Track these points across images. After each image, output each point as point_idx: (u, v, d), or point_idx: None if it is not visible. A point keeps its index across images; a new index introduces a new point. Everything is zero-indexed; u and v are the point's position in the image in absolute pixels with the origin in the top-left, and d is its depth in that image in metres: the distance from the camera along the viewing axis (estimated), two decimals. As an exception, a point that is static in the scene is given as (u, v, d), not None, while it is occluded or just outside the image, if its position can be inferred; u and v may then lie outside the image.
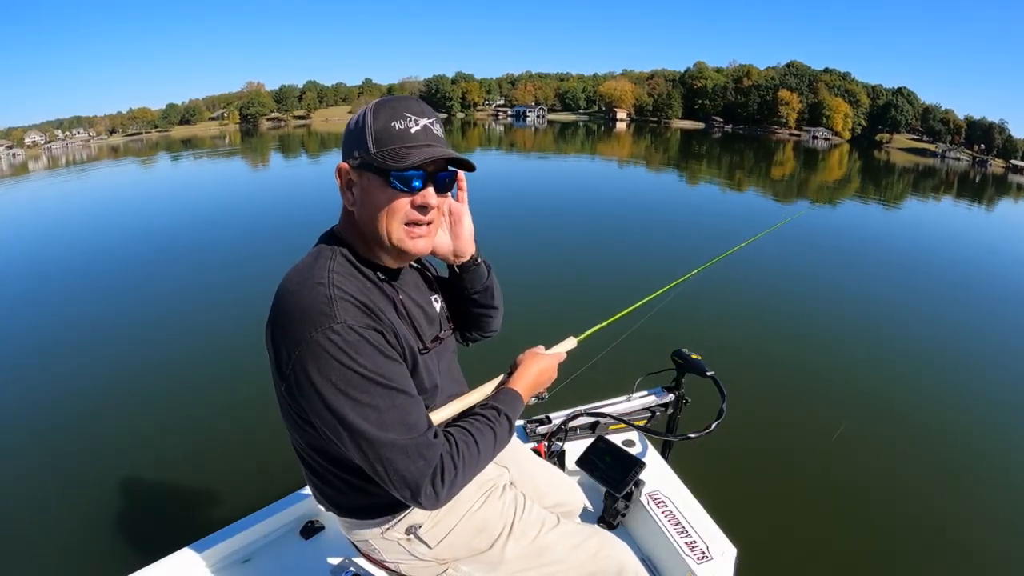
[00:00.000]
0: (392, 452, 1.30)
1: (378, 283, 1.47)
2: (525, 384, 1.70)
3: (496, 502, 1.77)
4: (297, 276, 1.40)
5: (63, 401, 5.99)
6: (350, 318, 1.29)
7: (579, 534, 1.82)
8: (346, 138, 1.43)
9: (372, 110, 1.39)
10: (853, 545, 4.05)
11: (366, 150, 1.37)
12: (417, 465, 1.31)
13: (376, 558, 1.74)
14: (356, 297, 1.34)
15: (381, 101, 1.41)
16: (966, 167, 77.26)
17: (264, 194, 23.30)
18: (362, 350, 1.28)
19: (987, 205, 30.58)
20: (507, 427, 1.56)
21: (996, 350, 7.89)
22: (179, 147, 68.26)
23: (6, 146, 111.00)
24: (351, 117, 1.45)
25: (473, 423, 1.51)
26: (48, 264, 12.14)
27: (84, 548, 4.03)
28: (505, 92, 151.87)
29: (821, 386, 6.36)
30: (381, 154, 1.35)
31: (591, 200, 19.67)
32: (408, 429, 1.32)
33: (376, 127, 1.36)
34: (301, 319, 1.30)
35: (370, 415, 1.29)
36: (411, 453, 1.31)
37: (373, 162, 1.36)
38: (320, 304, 1.30)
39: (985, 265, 13.83)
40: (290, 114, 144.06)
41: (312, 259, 1.44)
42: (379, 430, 1.29)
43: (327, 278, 1.35)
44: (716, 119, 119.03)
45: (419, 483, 1.32)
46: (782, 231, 4.27)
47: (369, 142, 1.36)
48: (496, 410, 1.56)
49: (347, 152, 1.42)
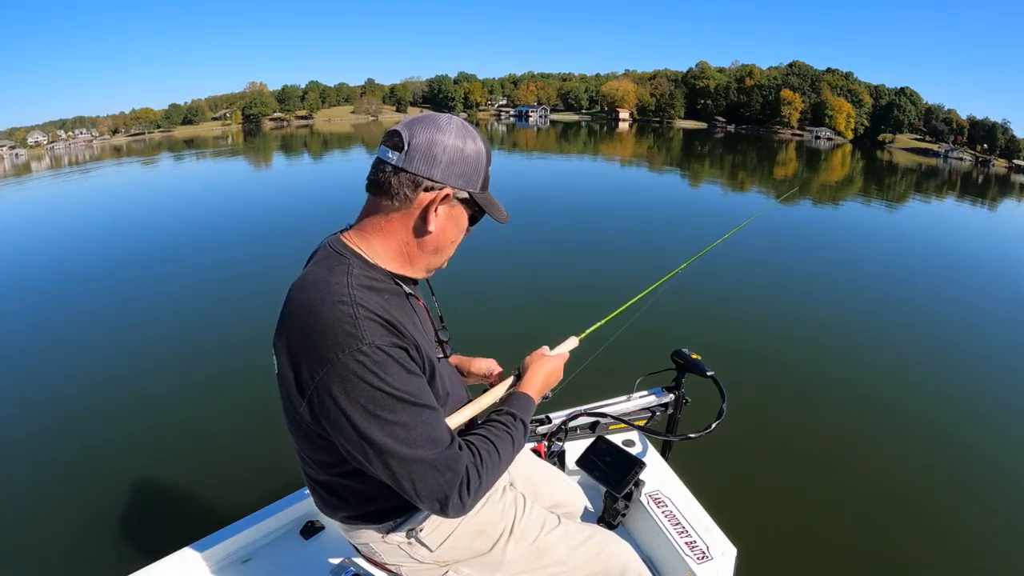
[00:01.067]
0: (421, 468, 1.30)
1: (400, 295, 1.46)
2: (536, 387, 1.72)
3: (496, 504, 1.76)
4: (314, 292, 1.36)
5: (63, 401, 6.02)
6: (377, 338, 1.27)
7: (580, 534, 1.82)
8: (454, 161, 1.39)
9: (484, 149, 1.45)
10: (853, 545, 4.05)
11: (475, 188, 1.44)
12: (446, 478, 1.31)
13: (377, 560, 1.74)
14: (379, 314, 1.31)
15: (483, 138, 1.46)
16: (969, 167, 77.13)
17: (266, 194, 23.35)
18: (390, 369, 1.27)
19: (990, 205, 30.52)
20: (523, 432, 1.57)
21: (998, 347, 7.89)
22: (182, 147, 68.27)
23: (9, 146, 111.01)
24: (453, 134, 1.39)
25: (492, 430, 1.51)
26: (50, 264, 12.18)
27: (84, 548, 4.03)
28: (508, 92, 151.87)
29: (822, 386, 6.36)
30: (485, 199, 1.48)
31: (588, 199, 19.69)
32: (435, 443, 1.31)
33: (486, 170, 1.47)
34: (325, 340, 1.28)
35: (399, 433, 1.28)
36: (440, 467, 1.31)
37: (478, 203, 1.47)
38: (344, 324, 1.27)
39: (988, 265, 13.82)
40: (293, 114, 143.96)
41: (327, 272, 1.39)
42: (408, 448, 1.28)
43: (349, 295, 1.31)
44: (719, 119, 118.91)
45: (448, 495, 1.32)
46: (783, 231, 4.26)
47: (479, 182, 1.45)
48: (512, 416, 1.58)
49: (455, 177, 1.41)
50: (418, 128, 1.37)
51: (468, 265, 9.66)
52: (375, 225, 1.45)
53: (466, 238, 1.58)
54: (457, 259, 1.60)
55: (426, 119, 1.40)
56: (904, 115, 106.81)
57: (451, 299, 1.97)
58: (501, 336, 6.73)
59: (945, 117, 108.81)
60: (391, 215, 1.42)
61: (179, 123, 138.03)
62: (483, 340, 1.81)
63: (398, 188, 1.38)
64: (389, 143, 1.39)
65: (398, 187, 1.38)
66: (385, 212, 1.42)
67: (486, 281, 9.38)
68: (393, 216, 1.42)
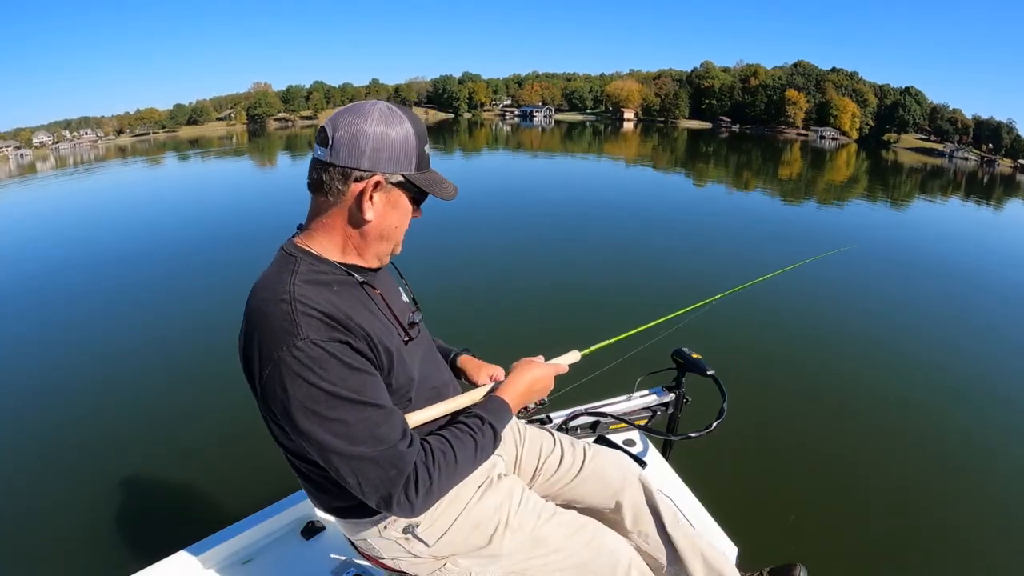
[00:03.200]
0: (363, 464, 1.31)
1: (351, 284, 1.48)
2: (515, 393, 1.69)
3: (492, 496, 1.75)
4: (262, 291, 1.41)
5: (63, 400, 6.02)
6: (312, 332, 1.29)
7: (574, 523, 1.81)
8: (382, 148, 1.39)
9: (411, 128, 1.43)
10: (854, 544, 4.03)
11: (408, 170, 1.43)
12: (389, 475, 1.32)
13: (375, 556, 1.74)
14: (319, 309, 1.33)
15: (410, 116, 1.44)
16: (974, 167, 76.94)
17: (269, 193, 23.33)
18: (326, 365, 1.28)
19: (995, 205, 30.41)
20: (491, 437, 1.55)
21: (1001, 347, 7.85)
22: (186, 147, 68.43)
23: (14, 146, 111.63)
24: (375, 121, 1.38)
25: (454, 431, 1.51)
26: (52, 264, 12.19)
27: (84, 549, 4.03)
28: (512, 92, 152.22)
29: (823, 385, 6.34)
30: (422, 179, 1.46)
31: (595, 205, 19.59)
32: (378, 441, 1.32)
33: (419, 150, 1.44)
34: (267, 338, 1.31)
35: (339, 430, 1.29)
36: (383, 463, 1.32)
37: (416, 184, 1.45)
38: (283, 322, 1.30)
39: (991, 265, 13.74)
40: (297, 114, 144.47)
41: (276, 271, 1.44)
42: (349, 444, 1.30)
43: (289, 292, 1.34)
44: (723, 119, 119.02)
45: (391, 492, 1.33)
46: (775, 228, 4.23)
47: (412, 163, 1.43)
48: (480, 419, 1.56)
49: (382, 163, 1.40)
50: (341, 121, 1.38)
51: (479, 268, 9.62)
52: (318, 223, 1.48)
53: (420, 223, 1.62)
54: (464, 262, 1.59)
55: (349, 110, 1.41)
56: (909, 115, 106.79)
57: (454, 303, 1.96)
58: (505, 342, 6.72)
59: (950, 117, 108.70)
60: (330, 211, 1.45)
61: (184, 123, 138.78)
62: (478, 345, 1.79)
63: (330, 183, 1.40)
64: (318, 140, 1.42)
65: (330, 182, 1.40)
66: (325, 209, 1.45)
67: (495, 284, 9.39)
68: (332, 211, 1.45)
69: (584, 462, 2.04)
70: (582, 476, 2.02)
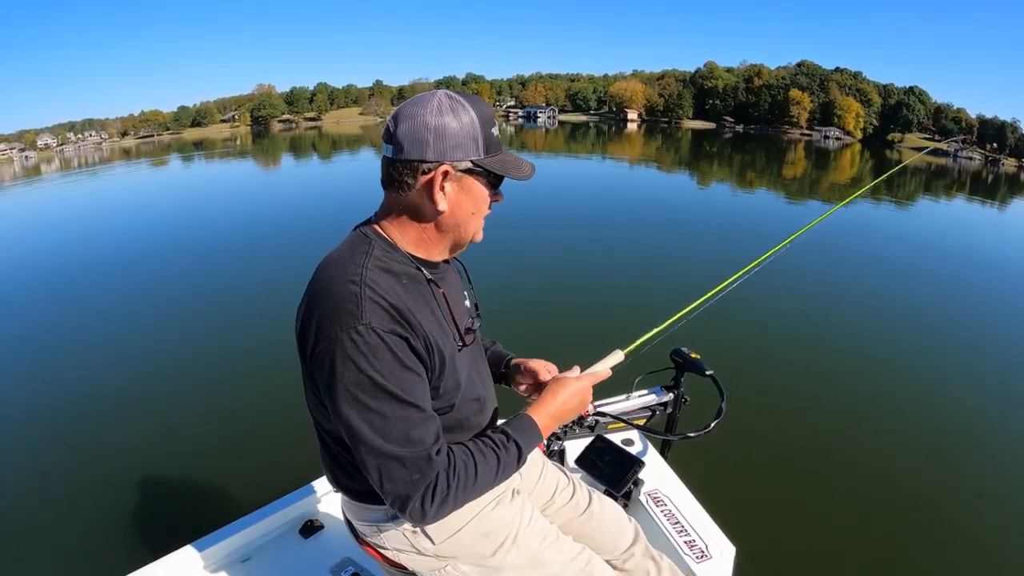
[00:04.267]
0: (389, 462, 1.30)
1: (419, 280, 1.47)
2: (546, 413, 1.64)
3: (506, 509, 1.75)
4: (332, 268, 1.41)
5: (64, 400, 6.08)
6: (375, 320, 1.28)
7: (573, 550, 1.81)
8: (446, 136, 1.37)
9: (474, 111, 1.40)
10: (852, 544, 4.04)
11: (476, 155, 1.40)
12: (412, 478, 1.31)
13: (376, 545, 1.72)
14: (387, 299, 1.33)
15: (470, 99, 1.42)
16: (978, 166, 76.77)
17: (273, 195, 23.43)
18: (380, 355, 1.28)
19: (999, 205, 30.34)
20: (515, 455, 1.52)
21: (1003, 347, 7.85)
22: (191, 149, 68.63)
23: (18, 148, 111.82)
24: (435, 111, 1.37)
25: (479, 445, 1.49)
26: (54, 264, 12.31)
27: (84, 547, 4.06)
28: (516, 93, 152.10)
29: (821, 385, 6.37)
30: (493, 162, 1.42)
31: (605, 203, 19.63)
32: (411, 443, 1.31)
33: (485, 133, 1.40)
34: (329, 315, 1.31)
35: (376, 422, 1.29)
36: (409, 465, 1.31)
37: (486, 167, 1.42)
38: (348, 303, 1.30)
39: (993, 265, 13.72)
40: (301, 116, 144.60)
41: (348, 250, 1.44)
42: (381, 439, 1.29)
43: (361, 275, 1.34)
44: (727, 119, 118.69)
45: (409, 496, 1.32)
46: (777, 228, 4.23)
47: (480, 147, 1.40)
48: (506, 435, 1.53)
49: (448, 151, 1.38)
50: (402, 115, 1.38)
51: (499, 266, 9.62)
52: (392, 216, 1.48)
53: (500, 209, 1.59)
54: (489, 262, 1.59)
55: (410, 103, 1.41)
56: (913, 114, 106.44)
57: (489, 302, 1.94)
58: (547, 345, 6.74)
59: (954, 116, 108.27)
60: (402, 205, 1.45)
61: (188, 125, 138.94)
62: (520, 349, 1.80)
63: (400, 178, 1.40)
64: (383, 137, 1.42)
65: (399, 177, 1.40)
66: (397, 203, 1.45)
67: (527, 281, 9.50)
68: (405, 206, 1.44)
69: (590, 502, 2.04)
70: (588, 514, 2.02)
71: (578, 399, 1.69)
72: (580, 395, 1.69)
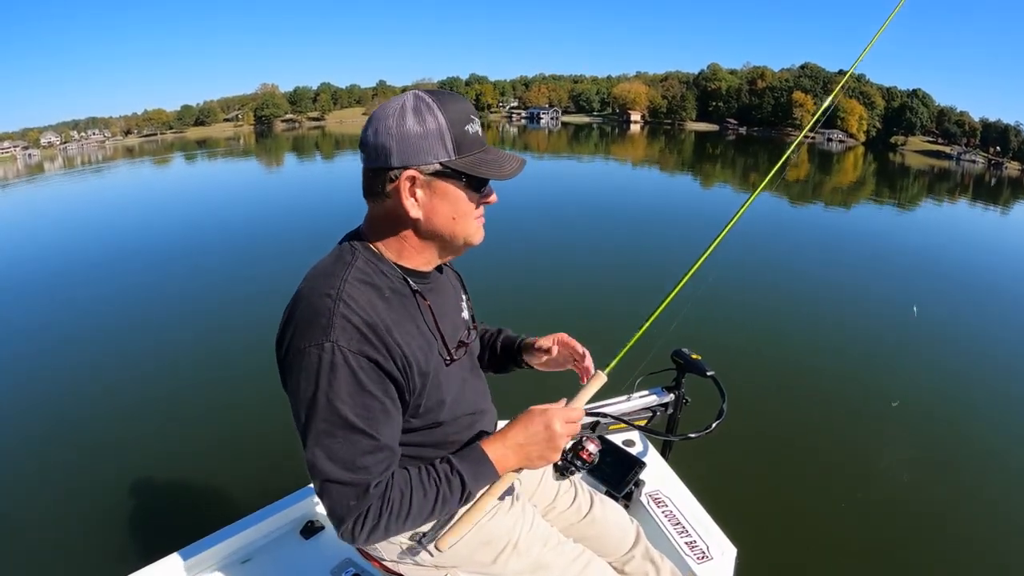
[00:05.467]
0: (329, 482, 1.29)
1: (404, 293, 1.44)
2: (504, 446, 1.49)
3: (506, 516, 1.73)
4: (312, 279, 1.38)
5: (65, 400, 6.08)
6: (343, 338, 1.26)
7: (574, 552, 1.81)
8: (409, 140, 1.30)
9: (441, 112, 1.31)
10: (853, 545, 4.04)
11: (447, 157, 1.32)
12: (348, 503, 1.29)
13: (375, 556, 1.73)
14: (361, 315, 1.29)
15: (433, 98, 1.33)
16: (982, 169, 76.62)
17: (274, 195, 23.46)
18: (340, 376, 1.26)
19: (1002, 209, 30.29)
20: (458, 490, 1.42)
21: (1005, 348, 7.84)
22: (194, 148, 68.68)
23: (22, 147, 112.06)
24: (397, 115, 1.30)
25: (423, 475, 1.41)
26: (55, 264, 12.32)
27: (84, 548, 4.06)
28: (519, 94, 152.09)
29: (822, 386, 6.36)
30: (465, 163, 1.33)
31: (603, 204, 19.63)
32: (354, 469, 1.29)
33: (454, 132, 1.31)
34: (301, 327, 1.29)
35: (324, 441, 1.27)
36: (346, 491, 1.29)
37: (458, 169, 1.33)
38: (320, 317, 1.28)
39: (995, 265, 13.73)
40: (304, 115, 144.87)
41: (332, 262, 1.40)
42: (327, 458, 1.28)
43: (337, 289, 1.31)
44: (730, 121, 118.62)
45: (344, 519, 1.30)
46: (786, 232, 4.23)
47: (449, 148, 1.32)
48: (451, 466, 1.44)
49: (412, 156, 1.31)
50: (370, 121, 1.34)
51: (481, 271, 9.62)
52: (374, 226, 1.44)
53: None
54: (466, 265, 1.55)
55: (379, 108, 1.35)
56: (916, 117, 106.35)
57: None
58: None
59: (958, 119, 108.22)
60: (380, 213, 1.41)
61: (191, 124, 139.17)
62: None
63: (372, 187, 1.37)
64: (359, 145, 1.39)
65: (371, 186, 1.37)
66: (377, 213, 1.42)
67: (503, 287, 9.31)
68: (384, 214, 1.40)
69: (591, 506, 2.03)
70: (590, 517, 2.02)
71: (543, 437, 1.48)
72: (547, 433, 1.48)
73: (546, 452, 1.48)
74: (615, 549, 2.01)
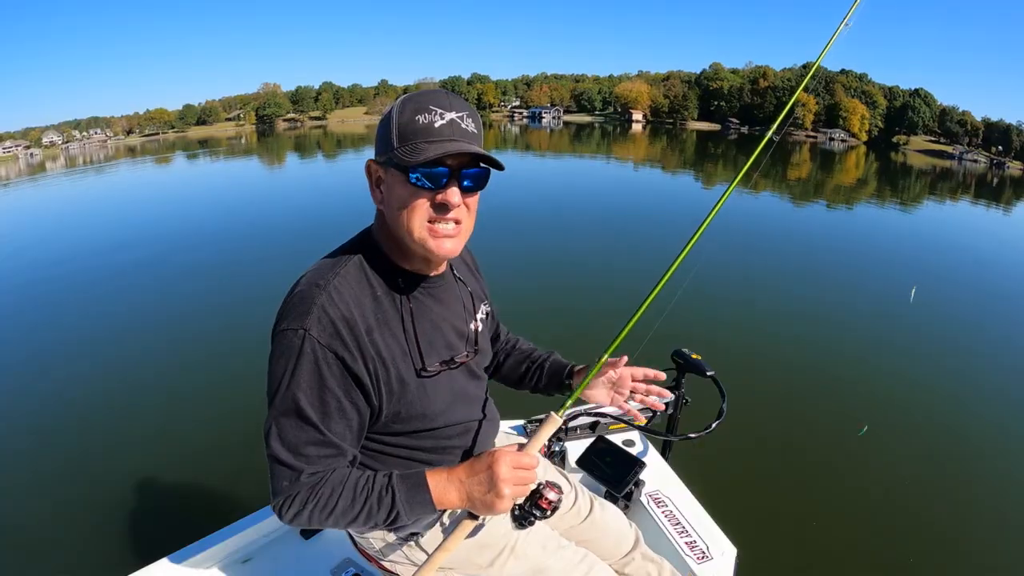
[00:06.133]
0: (273, 460, 1.33)
1: (392, 293, 1.44)
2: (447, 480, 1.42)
3: (504, 520, 1.72)
4: (314, 269, 1.41)
5: (65, 401, 6.07)
6: (316, 329, 1.29)
7: (575, 556, 1.80)
8: (377, 134, 1.40)
9: (399, 104, 1.35)
10: (853, 545, 4.04)
11: (391, 146, 1.33)
12: (281, 484, 1.32)
13: (373, 555, 1.73)
14: (342, 310, 1.32)
15: (410, 95, 1.36)
16: (984, 169, 76.50)
17: (276, 196, 23.46)
18: (304, 366, 1.29)
19: (1004, 208, 30.23)
20: (387, 509, 1.38)
21: (1006, 349, 7.83)
22: (196, 147, 68.72)
23: (24, 146, 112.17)
24: (381, 116, 1.41)
25: (359, 483, 1.38)
26: (55, 265, 12.27)
27: (84, 548, 4.06)
28: (521, 93, 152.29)
29: (822, 386, 6.36)
30: (402, 150, 1.31)
31: (600, 205, 19.62)
32: (296, 454, 1.32)
33: (401, 121, 1.32)
34: (285, 309, 1.35)
35: (279, 419, 1.32)
36: (285, 472, 1.32)
37: (394, 158, 1.32)
38: (303, 304, 1.32)
39: (996, 267, 13.69)
40: (306, 115, 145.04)
41: (335, 255, 1.45)
42: (277, 437, 1.32)
43: (327, 280, 1.35)
44: (732, 120, 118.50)
45: (276, 494, 1.34)
46: (787, 232, 4.22)
47: (394, 137, 1.32)
48: (388, 481, 1.40)
49: (376, 148, 1.40)
50: None
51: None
52: (378, 225, 1.49)
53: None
54: None
55: None
56: (918, 116, 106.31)
57: None
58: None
59: (960, 119, 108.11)
60: (378, 211, 1.48)
61: (193, 123, 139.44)
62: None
63: None
64: None
65: None
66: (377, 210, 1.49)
67: None
68: (378, 211, 1.48)
69: (592, 509, 2.03)
70: (590, 520, 2.01)
71: (485, 479, 1.39)
72: (489, 475, 1.39)
73: (488, 496, 1.39)
74: (615, 551, 2.00)
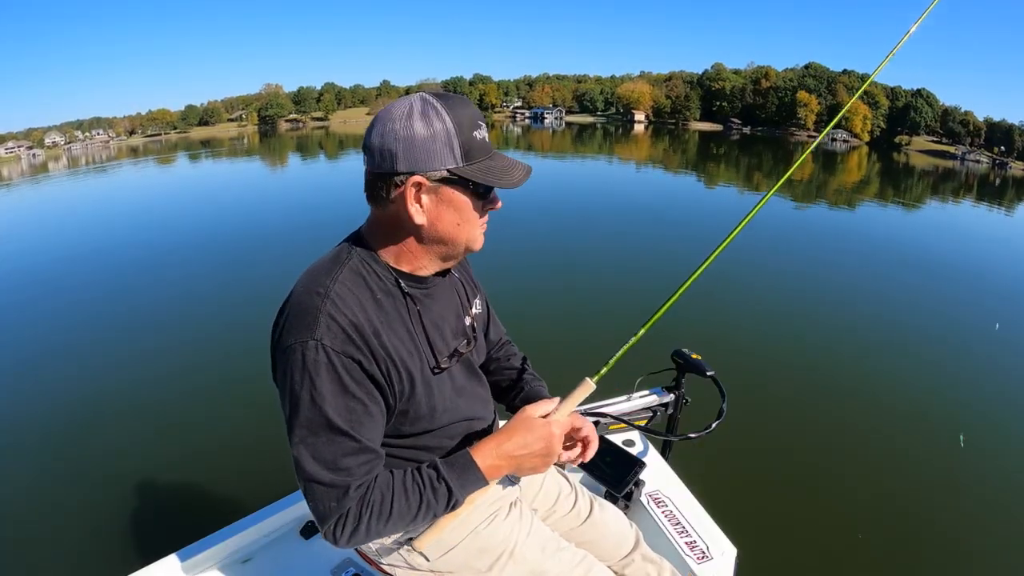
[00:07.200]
0: (312, 482, 1.29)
1: (395, 296, 1.42)
2: (496, 454, 1.46)
3: (503, 523, 1.72)
4: (307, 278, 1.37)
5: (65, 401, 6.07)
6: (328, 337, 1.26)
7: (574, 558, 1.79)
8: (416, 146, 1.28)
9: (450, 116, 1.29)
10: (854, 545, 4.04)
11: (454, 163, 1.30)
12: (329, 504, 1.29)
13: (373, 559, 1.73)
14: (348, 315, 1.29)
15: (447, 102, 1.31)
16: (986, 169, 76.45)
17: (277, 196, 23.50)
18: (324, 376, 1.26)
19: (1007, 208, 30.21)
20: (444, 497, 1.40)
21: (1006, 350, 7.82)
22: (198, 148, 68.80)
23: (26, 147, 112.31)
24: (404, 118, 1.28)
25: (407, 480, 1.39)
26: (54, 265, 12.33)
27: (84, 548, 4.06)
28: (523, 94, 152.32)
29: (823, 386, 6.36)
30: (473, 170, 1.31)
31: (599, 205, 19.61)
32: (336, 470, 1.29)
33: (462, 138, 1.29)
34: (290, 325, 1.30)
35: (308, 439, 1.28)
36: (327, 492, 1.29)
37: (466, 176, 1.31)
38: (307, 315, 1.28)
39: (998, 267, 13.69)
40: (308, 115, 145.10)
41: (327, 261, 1.40)
42: (311, 457, 1.28)
43: (327, 287, 1.31)
44: (734, 121, 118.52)
45: (325, 519, 1.30)
46: (788, 232, 4.22)
47: (457, 155, 1.30)
48: (437, 472, 1.41)
49: (419, 162, 1.28)
50: (373, 128, 1.32)
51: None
52: (374, 228, 1.44)
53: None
54: None
55: (383, 110, 1.34)
56: (921, 117, 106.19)
57: None
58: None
59: (962, 119, 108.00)
60: (382, 217, 1.40)
61: (195, 124, 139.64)
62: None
63: (375, 191, 1.35)
64: (362, 147, 1.37)
65: (375, 190, 1.35)
66: (378, 215, 1.41)
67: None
68: (386, 218, 1.39)
69: (592, 510, 2.02)
70: (590, 522, 2.00)
71: (539, 450, 1.47)
72: (545, 448, 1.47)
73: (539, 465, 1.49)
74: (615, 552, 2.00)
